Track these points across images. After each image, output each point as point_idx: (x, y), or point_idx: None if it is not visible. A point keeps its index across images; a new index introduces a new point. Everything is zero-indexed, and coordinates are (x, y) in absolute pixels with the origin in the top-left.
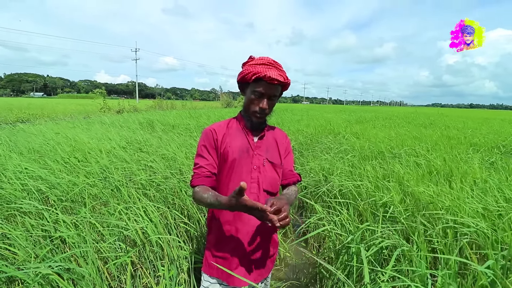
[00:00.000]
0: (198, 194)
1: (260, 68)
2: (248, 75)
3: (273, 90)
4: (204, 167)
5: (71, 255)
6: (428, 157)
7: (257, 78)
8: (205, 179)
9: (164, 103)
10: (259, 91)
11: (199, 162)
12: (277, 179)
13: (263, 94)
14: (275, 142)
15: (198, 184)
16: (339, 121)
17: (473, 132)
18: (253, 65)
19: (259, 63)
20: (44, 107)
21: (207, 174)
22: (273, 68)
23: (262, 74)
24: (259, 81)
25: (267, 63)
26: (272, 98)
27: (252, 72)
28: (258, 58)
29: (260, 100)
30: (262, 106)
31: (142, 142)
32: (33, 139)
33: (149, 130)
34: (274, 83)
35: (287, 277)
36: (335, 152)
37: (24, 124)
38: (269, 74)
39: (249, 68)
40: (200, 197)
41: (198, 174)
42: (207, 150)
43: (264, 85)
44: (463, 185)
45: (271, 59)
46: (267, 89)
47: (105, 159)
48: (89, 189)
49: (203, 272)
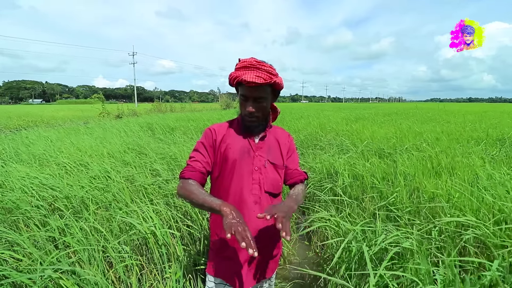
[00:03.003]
0: (192, 186)
1: (239, 72)
2: (231, 80)
3: (256, 93)
4: (200, 162)
5: (76, 261)
6: (431, 152)
7: (239, 82)
8: (199, 174)
9: (163, 106)
10: (243, 94)
11: (195, 156)
12: (279, 180)
13: (247, 97)
14: (277, 143)
15: (191, 177)
16: (338, 119)
17: (473, 125)
18: (236, 69)
19: (239, 66)
20: (44, 114)
21: (202, 170)
22: (251, 70)
23: (240, 78)
24: (241, 85)
25: (247, 65)
26: (258, 100)
27: (233, 76)
28: (241, 61)
29: (246, 104)
30: (248, 109)
31: (143, 145)
32: (35, 146)
33: (149, 133)
34: (252, 85)
35: (291, 276)
36: (335, 151)
37: (24, 131)
38: (245, 77)
39: (232, 73)
40: (193, 190)
41: (193, 167)
42: (204, 148)
43: (245, 88)
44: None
45: (254, 60)
46: (249, 92)
47: (107, 163)
48: (92, 193)
49: (207, 273)
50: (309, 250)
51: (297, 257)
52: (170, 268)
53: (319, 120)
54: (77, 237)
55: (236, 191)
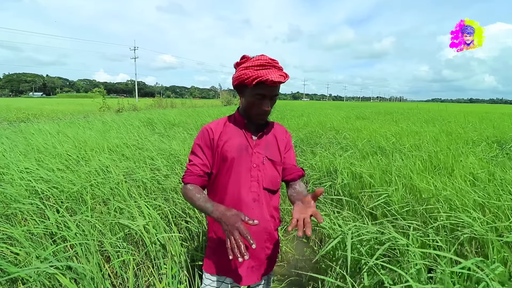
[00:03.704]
0: (190, 192)
1: (261, 72)
2: (248, 80)
3: (275, 91)
4: (197, 165)
5: (73, 254)
6: (430, 151)
7: (258, 82)
8: (198, 178)
9: (164, 101)
10: (262, 93)
11: (193, 159)
12: (278, 176)
13: (265, 96)
14: (275, 139)
15: (190, 182)
16: (338, 118)
17: (473, 126)
18: (250, 67)
19: (256, 64)
20: (44, 107)
21: (199, 173)
22: (273, 69)
23: (264, 78)
24: (260, 84)
25: (266, 64)
26: (274, 98)
27: (252, 76)
28: (255, 59)
29: (263, 102)
30: (265, 108)
31: (144, 140)
32: (34, 138)
33: (150, 128)
34: (276, 85)
35: (288, 273)
36: (336, 149)
37: (24, 123)
38: (271, 77)
39: (247, 73)
40: (191, 196)
41: (191, 172)
42: (201, 149)
43: (266, 88)
44: (463, 179)
45: (268, 57)
46: (269, 91)
47: (107, 157)
48: (90, 188)
49: (204, 270)
50: (307, 247)
51: (294, 254)
52: (166, 264)
53: (319, 118)
54: (74, 231)
55: (234, 189)
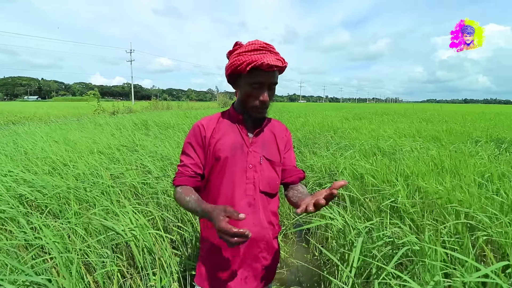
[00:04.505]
0: (179, 195)
1: (255, 56)
2: (242, 65)
3: (272, 78)
4: (188, 166)
5: (52, 266)
6: (432, 151)
7: (253, 67)
8: (188, 179)
9: (160, 104)
10: (258, 81)
11: (184, 160)
12: (276, 178)
13: (263, 85)
14: (273, 137)
15: (181, 183)
16: (336, 118)
17: (472, 125)
18: (244, 53)
19: (250, 49)
20: (37, 111)
21: (190, 174)
22: (268, 53)
23: (259, 62)
24: (255, 71)
25: (260, 48)
26: (272, 87)
27: (246, 61)
28: (248, 44)
29: (260, 92)
30: (263, 98)
31: (136, 141)
32: (22, 141)
33: (144, 130)
34: (273, 70)
35: (289, 280)
36: (335, 149)
37: (13, 125)
38: (266, 61)
39: (241, 58)
40: (180, 198)
41: (181, 173)
42: (192, 148)
43: (262, 74)
44: (472, 179)
45: (263, 42)
46: (266, 78)
47: (95, 160)
48: (75, 192)
49: (196, 283)
50: (308, 253)
51: (294, 260)
52: (155, 275)
53: (317, 119)
54: (51, 239)
55: (228, 192)
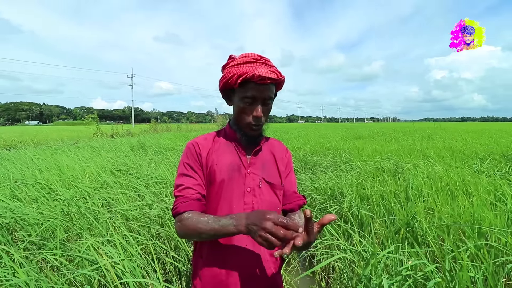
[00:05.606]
0: (191, 220)
1: (246, 68)
2: (232, 78)
3: (266, 92)
4: (191, 187)
5: None
6: (439, 170)
7: (244, 80)
8: (195, 202)
9: (159, 126)
10: (250, 96)
11: (184, 182)
12: (277, 203)
13: (256, 99)
14: (273, 157)
15: (187, 209)
16: (336, 138)
17: (474, 142)
18: (236, 65)
19: (243, 61)
20: (37, 135)
21: (196, 197)
22: (261, 65)
23: (250, 74)
24: (247, 84)
25: (253, 60)
26: (266, 102)
27: (237, 74)
28: (241, 56)
29: (253, 107)
30: (256, 114)
31: (129, 165)
32: (12, 166)
33: (141, 152)
34: (266, 82)
35: None
36: (337, 170)
37: (9, 151)
38: (258, 72)
39: (231, 70)
40: (195, 224)
41: (185, 197)
42: (191, 168)
43: (254, 87)
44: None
45: (257, 54)
46: (259, 92)
47: (86, 186)
48: (62, 221)
49: None
50: (313, 284)
51: None
52: None
53: (317, 139)
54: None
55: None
